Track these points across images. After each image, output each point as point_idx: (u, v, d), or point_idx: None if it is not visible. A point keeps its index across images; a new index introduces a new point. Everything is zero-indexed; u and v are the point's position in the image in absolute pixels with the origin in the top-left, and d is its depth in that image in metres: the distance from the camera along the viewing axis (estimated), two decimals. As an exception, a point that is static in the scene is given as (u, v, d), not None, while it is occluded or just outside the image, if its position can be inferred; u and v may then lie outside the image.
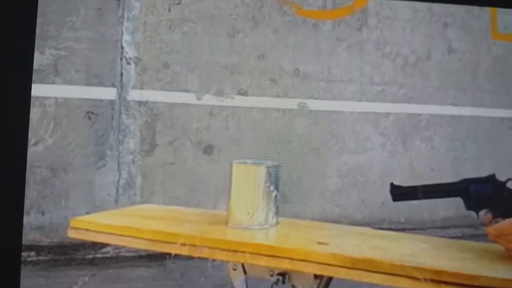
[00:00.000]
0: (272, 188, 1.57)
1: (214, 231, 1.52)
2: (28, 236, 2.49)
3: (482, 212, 1.43)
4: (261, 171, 1.58)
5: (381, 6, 3.07)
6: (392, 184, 1.49)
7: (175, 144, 2.72)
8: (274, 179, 1.57)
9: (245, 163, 1.63)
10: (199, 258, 1.50)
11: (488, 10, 3.20)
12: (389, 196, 1.50)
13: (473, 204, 1.44)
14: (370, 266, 1.27)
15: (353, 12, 3.03)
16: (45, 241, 2.54)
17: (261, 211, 1.56)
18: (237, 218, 1.57)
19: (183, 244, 1.46)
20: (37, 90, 2.54)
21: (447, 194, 1.47)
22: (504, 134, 3.20)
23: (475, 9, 3.17)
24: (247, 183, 1.58)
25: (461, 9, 3.16)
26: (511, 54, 3.23)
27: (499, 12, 3.21)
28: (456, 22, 3.18)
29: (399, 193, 1.49)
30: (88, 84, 2.64)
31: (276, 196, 1.58)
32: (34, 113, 2.53)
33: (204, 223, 1.60)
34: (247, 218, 1.56)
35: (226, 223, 1.58)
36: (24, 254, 2.40)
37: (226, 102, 2.75)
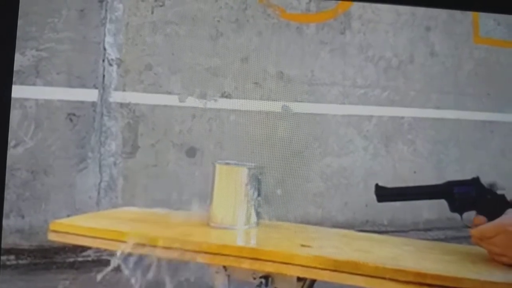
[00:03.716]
0: (253, 189, 1.57)
1: (196, 234, 1.51)
2: (8, 240, 2.46)
3: (465, 214, 1.44)
4: (243, 172, 1.57)
5: (364, 9, 3.08)
6: (377, 185, 1.49)
7: (157, 146, 2.70)
8: (256, 180, 1.58)
9: (228, 164, 1.63)
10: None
11: (470, 15, 3.22)
12: (372, 199, 1.50)
13: (457, 206, 1.44)
14: (353, 268, 1.27)
15: (337, 16, 3.03)
16: (25, 244, 2.51)
17: (242, 212, 1.56)
18: (218, 218, 1.57)
19: (165, 247, 1.45)
20: (18, 91, 2.51)
21: (432, 196, 1.47)
22: (486, 137, 3.22)
23: (457, 13, 3.19)
24: (229, 184, 1.58)
25: (443, 13, 3.18)
26: (492, 58, 3.26)
27: (481, 17, 3.24)
28: (439, 26, 3.20)
29: (384, 194, 1.49)
30: (70, 85, 2.62)
31: (257, 197, 1.58)
32: (14, 115, 2.51)
33: (186, 226, 1.59)
34: (228, 218, 1.56)
35: (208, 224, 1.58)
36: (3, 257, 2.38)
37: (209, 104, 2.74)
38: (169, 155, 2.71)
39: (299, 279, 1.38)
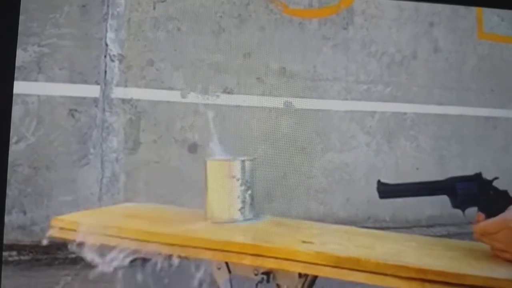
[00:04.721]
0: (245, 181, 1.57)
1: (198, 230, 1.51)
2: (10, 236, 2.46)
3: (468, 211, 1.43)
4: (233, 165, 1.57)
5: (367, 4, 3.07)
6: (379, 181, 1.49)
7: (159, 142, 2.70)
8: (248, 173, 1.57)
9: (219, 159, 1.63)
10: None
11: (473, 10, 3.21)
12: (374, 195, 1.49)
13: (459, 202, 1.44)
14: (355, 265, 1.26)
15: (339, 11, 3.03)
16: (27, 240, 2.51)
17: (236, 206, 1.56)
18: (214, 213, 1.57)
19: (167, 244, 1.45)
20: (20, 87, 2.51)
21: (434, 192, 1.47)
22: (488, 133, 3.21)
23: (461, 8, 3.18)
24: (221, 178, 1.58)
25: (447, 8, 3.17)
26: (496, 54, 3.25)
27: (485, 12, 3.23)
28: (442, 21, 3.19)
29: (386, 190, 1.49)
30: (72, 81, 2.62)
31: (250, 189, 1.57)
32: (16, 110, 2.51)
33: (188, 222, 1.59)
34: (223, 213, 1.56)
35: (205, 220, 1.58)
36: (5, 253, 2.38)
37: (211, 100, 2.73)
38: (171, 151, 2.71)
39: (300, 275, 1.38)
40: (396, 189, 1.49)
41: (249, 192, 1.58)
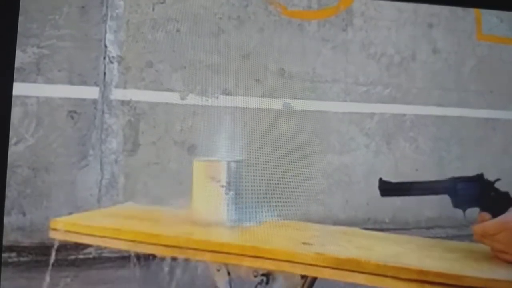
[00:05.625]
0: (227, 183, 1.57)
1: (198, 232, 1.51)
2: (9, 237, 2.46)
3: (468, 212, 1.43)
4: (215, 166, 1.58)
5: (366, 6, 3.07)
6: (380, 180, 1.49)
7: (158, 144, 2.70)
8: (233, 174, 1.57)
9: (203, 159, 1.63)
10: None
11: (472, 12, 3.22)
12: (374, 196, 1.49)
13: (460, 202, 1.44)
14: (354, 266, 1.26)
15: (338, 13, 3.03)
16: (26, 242, 2.51)
17: (217, 207, 1.56)
18: (196, 214, 1.58)
19: (166, 245, 1.45)
20: (19, 89, 2.51)
21: (435, 192, 1.47)
22: (488, 135, 3.21)
23: (460, 10, 3.18)
24: (203, 179, 1.58)
25: (445, 10, 3.17)
26: (495, 55, 3.25)
27: (484, 14, 3.23)
28: (441, 22, 3.19)
29: (388, 188, 1.49)
30: (71, 83, 2.62)
31: (232, 191, 1.57)
32: (16, 112, 2.51)
33: (187, 224, 1.59)
34: (204, 214, 1.57)
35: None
36: (4, 255, 2.37)
37: (210, 102, 2.73)
38: (170, 153, 2.71)
39: (300, 276, 1.38)
40: (398, 187, 1.49)
41: (231, 193, 1.58)
